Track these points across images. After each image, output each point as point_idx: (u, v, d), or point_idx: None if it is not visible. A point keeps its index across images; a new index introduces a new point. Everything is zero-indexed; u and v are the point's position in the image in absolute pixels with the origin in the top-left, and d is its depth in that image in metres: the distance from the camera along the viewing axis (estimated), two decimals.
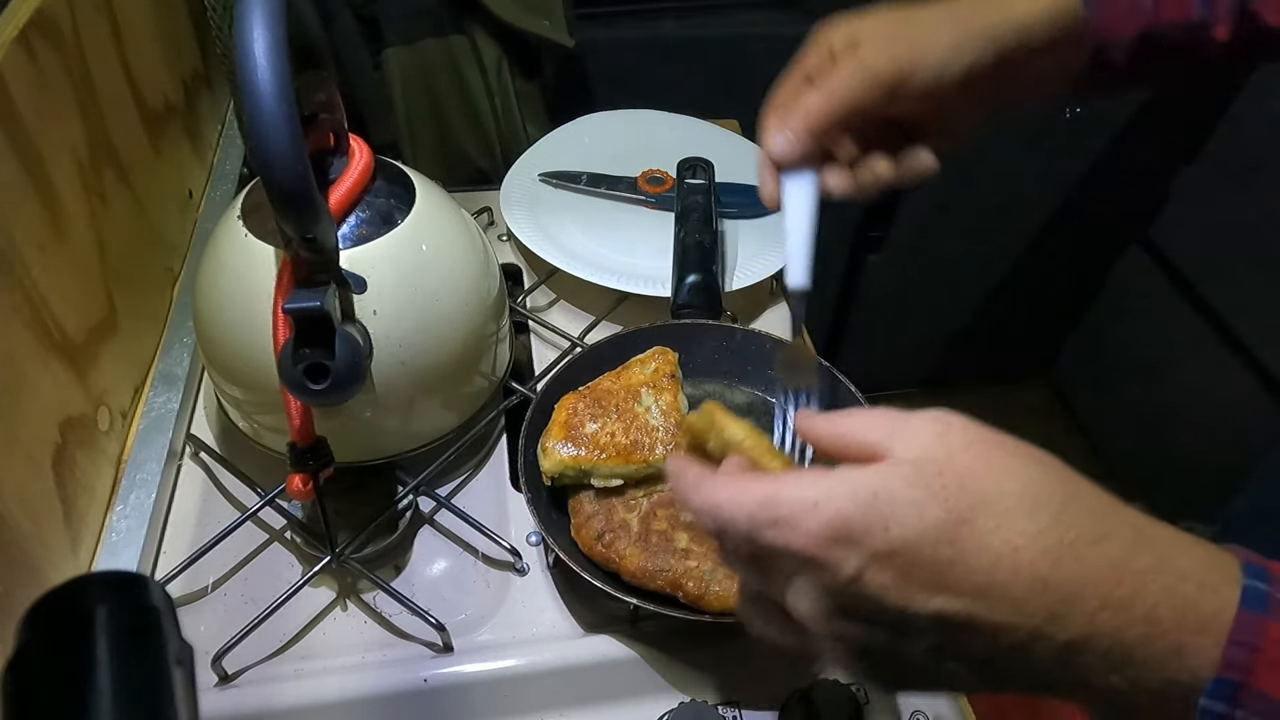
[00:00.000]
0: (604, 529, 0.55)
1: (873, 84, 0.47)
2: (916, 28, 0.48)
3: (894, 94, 0.48)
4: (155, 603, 0.25)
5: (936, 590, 0.28)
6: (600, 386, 0.60)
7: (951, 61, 0.47)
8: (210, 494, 0.63)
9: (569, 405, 0.59)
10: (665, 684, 0.54)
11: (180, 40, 0.81)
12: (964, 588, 0.28)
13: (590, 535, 0.55)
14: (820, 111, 0.48)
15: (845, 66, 0.48)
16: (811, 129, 0.48)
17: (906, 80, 0.47)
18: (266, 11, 0.41)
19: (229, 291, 0.55)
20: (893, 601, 0.28)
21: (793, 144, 0.49)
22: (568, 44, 1.00)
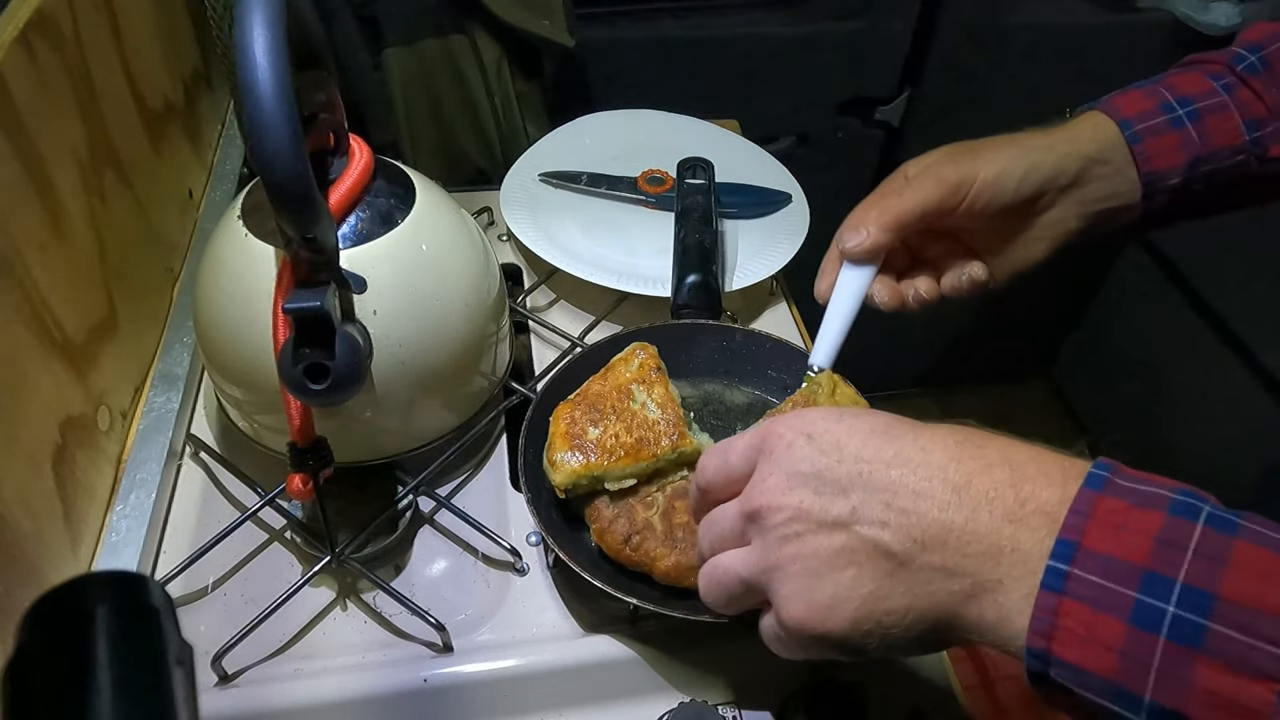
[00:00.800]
0: (630, 532, 0.54)
1: (940, 187, 0.53)
2: (982, 147, 0.55)
3: (956, 197, 0.53)
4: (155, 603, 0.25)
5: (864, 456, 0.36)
6: (591, 391, 0.60)
7: (1009, 170, 0.53)
8: (210, 494, 0.63)
9: (565, 415, 0.58)
10: (665, 684, 0.54)
11: (180, 40, 0.81)
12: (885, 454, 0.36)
13: (617, 540, 0.54)
14: (895, 210, 0.53)
15: (917, 178, 0.55)
16: (885, 226, 0.53)
17: (968, 185, 0.53)
18: (266, 11, 0.41)
19: (229, 291, 0.55)
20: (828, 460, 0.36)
21: (865, 239, 0.54)
22: (568, 44, 1.00)
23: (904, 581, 0.34)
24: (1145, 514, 0.30)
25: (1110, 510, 0.31)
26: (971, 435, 0.36)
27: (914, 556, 0.34)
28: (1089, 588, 0.30)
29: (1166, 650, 0.28)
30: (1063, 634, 0.30)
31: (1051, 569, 0.30)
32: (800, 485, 0.37)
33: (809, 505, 0.36)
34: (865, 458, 0.36)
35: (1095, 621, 0.29)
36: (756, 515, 0.38)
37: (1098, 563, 0.30)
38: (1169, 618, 0.28)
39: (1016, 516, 0.32)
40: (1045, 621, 0.30)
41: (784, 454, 0.38)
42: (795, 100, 1.24)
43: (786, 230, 0.82)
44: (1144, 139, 0.53)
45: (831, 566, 0.35)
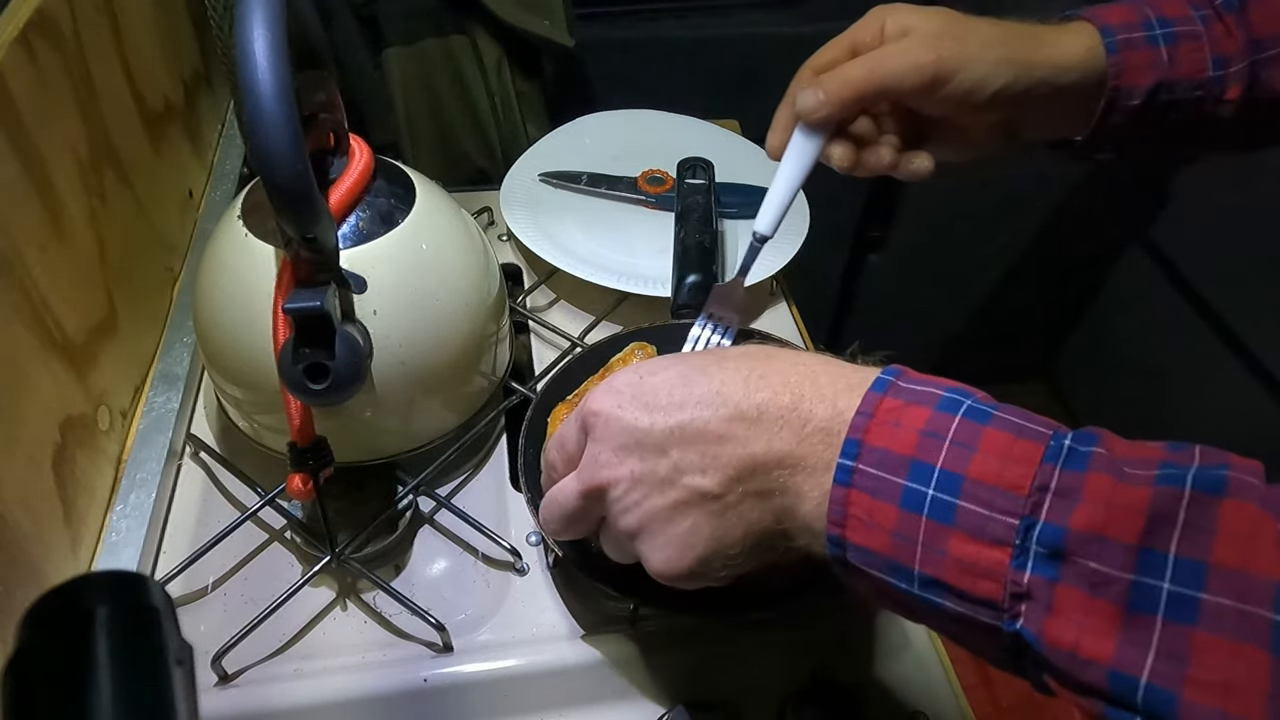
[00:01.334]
0: None
1: (914, 74, 0.50)
2: (969, 36, 0.51)
3: (930, 90, 0.50)
4: (155, 603, 0.25)
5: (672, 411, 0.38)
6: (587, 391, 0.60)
7: (991, 78, 0.51)
8: (210, 494, 0.63)
9: (563, 415, 0.58)
10: (665, 684, 0.54)
11: (180, 40, 0.81)
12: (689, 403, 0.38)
13: None
14: (859, 83, 0.50)
15: (892, 50, 0.51)
16: (845, 98, 0.51)
17: (946, 81, 0.50)
18: (266, 11, 0.41)
19: (229, 291, 0.55)
20: (644, 425, 0.39)
21: (823, 104, 0.51)
22: (568, 44, 1.00)
23: (733, 514, 0.38)
24: (915, 409, 0.34)
25: (888, 409, 0.34)
26: (758, 363, 0.39)
27: (732, 490, 0.37)
28: (869, 479, 0.33)
29: (927, 527, 0.32)
30: (851, 521, 0.34)
31: (841, 466, 0.34)
32: (627, 455, 0.39)
33: (640, 472, 0.39)
34: (672, 414, 0.38)
35: (874, 508, 0.33)
36: (598, 494, 0.41)
37: (875, 456, 0.34)
38: (929, 499, 0.32)
39: (801, 437, 0.36)
40: (838, 512, 0.34)
41: (604, 430, 0.40)
42: None
43: (786, 230, 0.81)
44: (1121, 51, 0.52)
45: (671, 520, 0.39)
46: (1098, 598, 0.29)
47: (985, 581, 0.31)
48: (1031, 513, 0.30)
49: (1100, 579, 0.29)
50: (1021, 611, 0.30)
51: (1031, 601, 0.30)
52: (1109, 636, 0.29)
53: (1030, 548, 0.30)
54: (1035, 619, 0.30)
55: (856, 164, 0.55)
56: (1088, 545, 0.29)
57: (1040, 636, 0.30)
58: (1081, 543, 0.29)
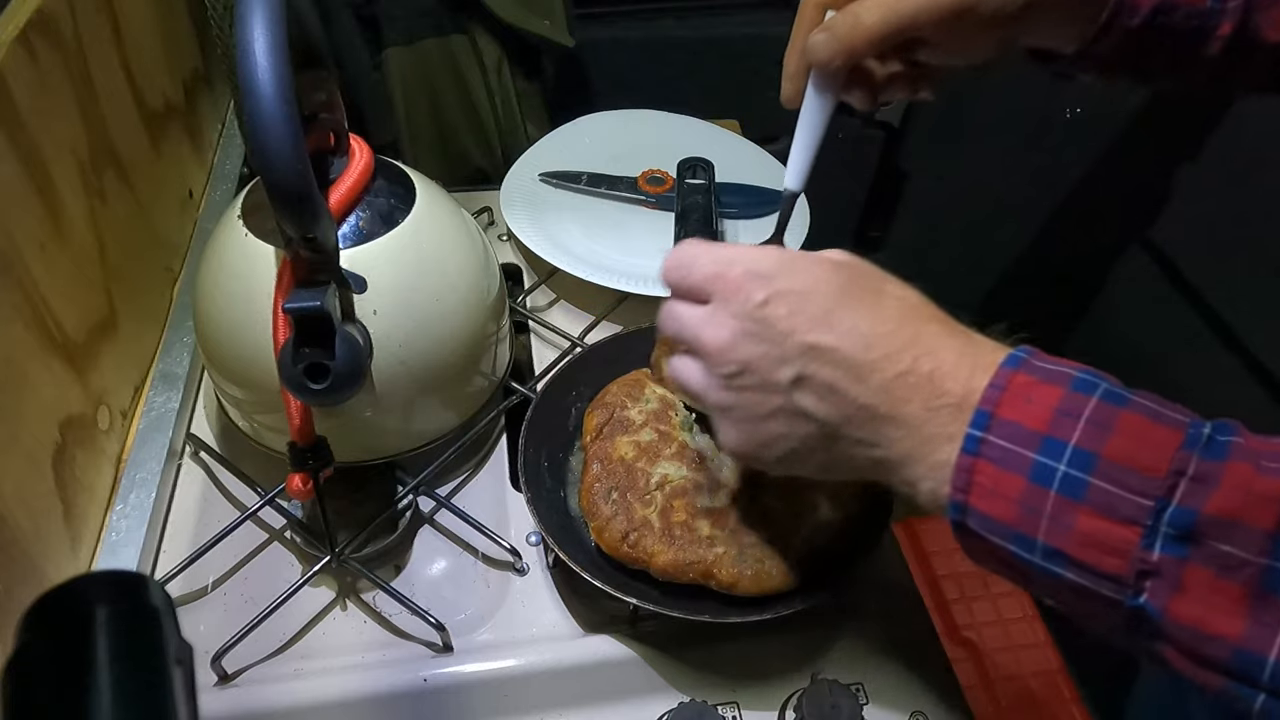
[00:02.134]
0: (628, 529, 0.54)
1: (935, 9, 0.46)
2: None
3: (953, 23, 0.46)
4: (155, 602, 0.25)
5: (815, 327, 0.38)
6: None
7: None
8: (210, 494, 0.63)
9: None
10: (665, 684, 0.54)
11: (180, 40, 0.81)
12: (836, 328, 0.38)
13: (615, 537, 0.54)
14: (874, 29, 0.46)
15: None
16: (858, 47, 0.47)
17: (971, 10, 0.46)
18: (266, 11, 0.41)
19: (229, 291, 0.55)
20: (783, 327, 0.39)
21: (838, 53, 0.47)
22: (568, 44, 1.00)
23: (825, 444, 0.39)
24: (1049, 388, 0.35)
25: (1021, 384, 0.35)
26: (910, 320, 0.39)
27: (839, 429, 0.38)
28: (998, 450, 0.34)
29: (1055, 501, 0.33)
30: (976, 489, 0.35)
31: (970, 436, 0.35)
32: (752, 344, 0.39)
33: (756, 365, 0.39)
34: (815, 329, 0.38)
35: (1001, 478, 0.34)
36: (705, 354, 0.41)
37: (1006, 429, 0.34)
38: (1059, 475, 0.33)
39: (931, 407, 0.37)
40: (963, 479, 0.35)
41: (740, 308, 0.40)
42: None
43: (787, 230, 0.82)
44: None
45: (765, 419, 0.40)
46: (1227, 579, 0.30)
47: (1111, 558, 0.32)
48: (1165, 495, 0.31)
49: (1232, 561, 0.30)
50: (1146, 588, 0.32)
51: (1158, 579, 0.31)
52: (1238, 616, 0.30)
53: (1160, 528, 0.31)
54: (1160, 596, 0.31)
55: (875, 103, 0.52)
56: (1221, 529, 0.30)
57: (1164, 612, 0.31)
58: (1215, 527, 0.30)
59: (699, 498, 0.55)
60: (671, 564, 0.53)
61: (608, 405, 0.61)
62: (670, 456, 0.58)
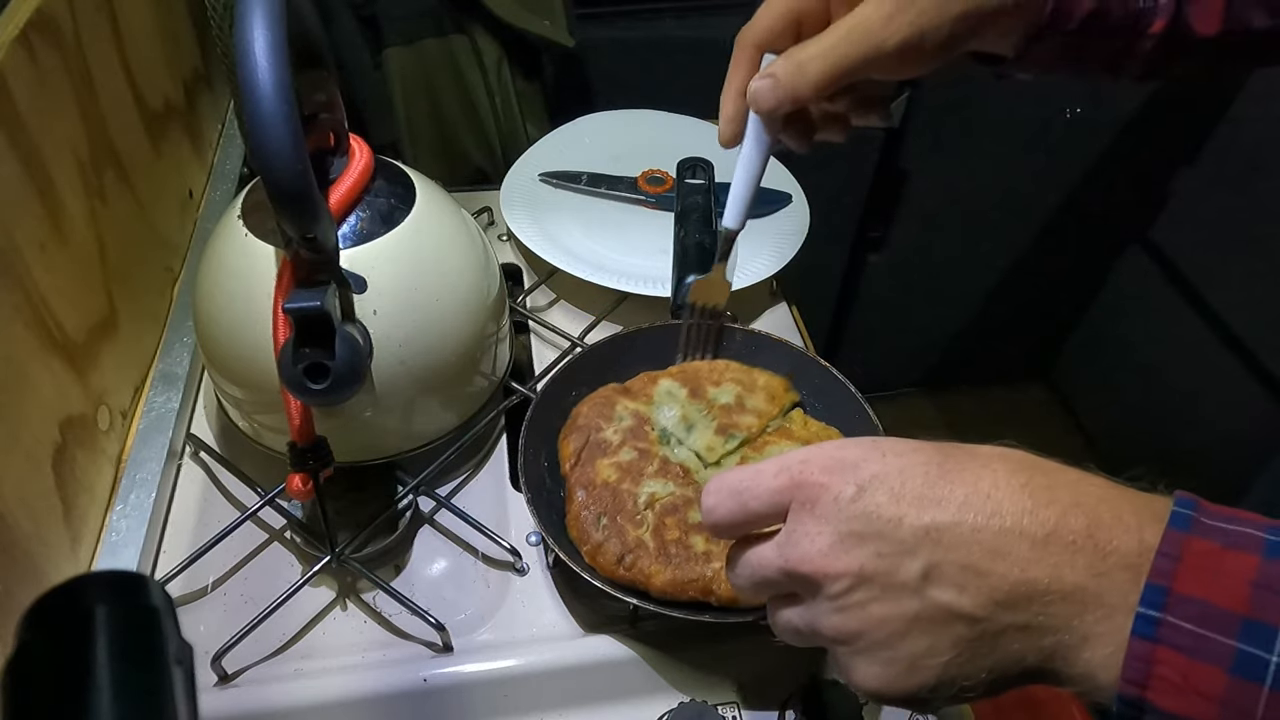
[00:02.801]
0: (622, 552, 0.53)
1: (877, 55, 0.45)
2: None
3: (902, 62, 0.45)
4: (155, 602, 0.25)
5: (927, 506, 0.32)
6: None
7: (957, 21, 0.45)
8: (210, 494, 0.63)
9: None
10: (665, 684, 0.54)
11: (180, 40, 0.81)
12: (951, 502, 0.32)
13: (610, 561, 0.53)
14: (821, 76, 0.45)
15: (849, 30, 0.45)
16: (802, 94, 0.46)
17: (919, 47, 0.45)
18: (266, 11, 0.41)
19: (229, 291, 0.55)
20: (889, 514, 0.33)
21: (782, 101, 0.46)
22: (568, 44, 1.00)
23: (985, 644, 0.32)
24: (1239, 556, 0.29)
25: (1200, 553, 0.29)
26: (1034, 472, 0.33)
27: (994, 618, 0.32)
28: (1184, 636, 0.29)
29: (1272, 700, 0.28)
30: (1158, 683, 0.29)
31: (1142, 616, 0.29)
32: (858, 546, 0.33)
33: (872, 570, 0.33)
34: (928, 509, 0.32)
35: (1192, 670, 0.29)
36: (807, 581, 0.34)
37: (1192, 608, 0.29)
38: (1273, 668, 0.28)
39: (1099, 571, 0.30)
40: (1139, 670, 0.29)
41: (831, 508, 0.34)
42: None
43: (786, 230, 0.82)
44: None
45: (904, 636, 0.33)
46: None
47: None
48: None
49: None
50: None
51: None
52: None
53: None
54: None
55: (810, 147, 0.53)
56: None
57: None
58: None
59: (690, 513, 0.55)
60: (670, 583, 0.52)
61: (581, 429, 0.60)
62: (654, 474, 0.57)
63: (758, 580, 0.37)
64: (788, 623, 0.37)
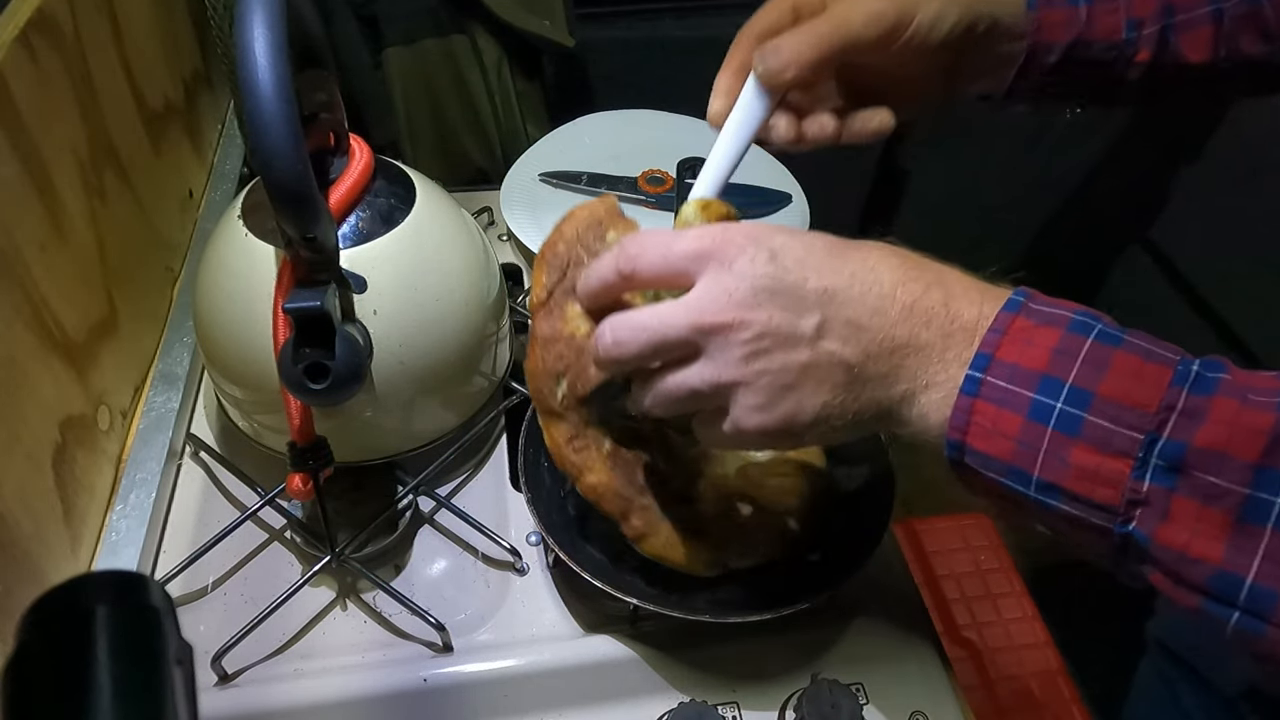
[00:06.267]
0: (575, 435, 0.49)
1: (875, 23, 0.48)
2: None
3: (890, 39, 0.48)
4: (155, 602, 0.25)
5: (825, 273, 0.38)
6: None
7: (944, 15, 0.49)
8: (210, 494, 0.63)
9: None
10: (665, 684, 0.54)
11: (180, 40, 0.81)
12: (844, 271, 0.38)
13: (561, 437, 0.49)
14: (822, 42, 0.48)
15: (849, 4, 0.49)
16: (808, 59, 0.48)
17: (905, 26, 0.48)
18: (266, 11, 0.41)
19: (229, 291, 0.55)
20: (794, 277, 0.38)
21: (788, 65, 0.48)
22: (568, 44, 1.00)
23: (854, 389, 0.38)
24: (1047, 330, 0.36)
25: (1020, 328, 0.36)
26: (908, 257, 0.39)
27: (865, 367, 0.38)
28: (997, 391, 0.35)
29: (1052, 437, 0.34)
30: (974, 429, 0.36)
31: (969, 377, 0.36)
32: (767, 301, 0.38)
33: (778, 322, 0.38)
34: (825, 275, 0.38)
35: (1000, 417, 0.35)
36: (717, 330, 0.38)
37: (1005, 371, 0.35)
38: (1056, 412, 0.34)
39: (947, 331, 0.37)
40: (961, 420, 0.36)
41: (747, 266, 0.38)
42: None
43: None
44: (1040, 9, 0.52)
45: (796, 381, 0.38)
46: (1211, 507, 0.32)
47: (1104, 488, 0.33)
48: (1156, 429, 0.33)
49: (1216, 491, 0.32)
50: (1135, 516, 0.33)
51: (1147, 508, 0.33)
52: (1219, 541, 0.32)
53: (1151, 461, 0.33)
54: (1148, 523, 0.33)
55: (799, 137, 0.53)
56: (1208, 461, 0.32)
57: (1152, 538, 0.33)
58: (1202, 458, 0.32)
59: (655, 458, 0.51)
60: (599, 484, 0.49)
61: (559, 257, 0.48)
62: None
63: (656, 341, 0.39)
64: (681, 382, 0.40)
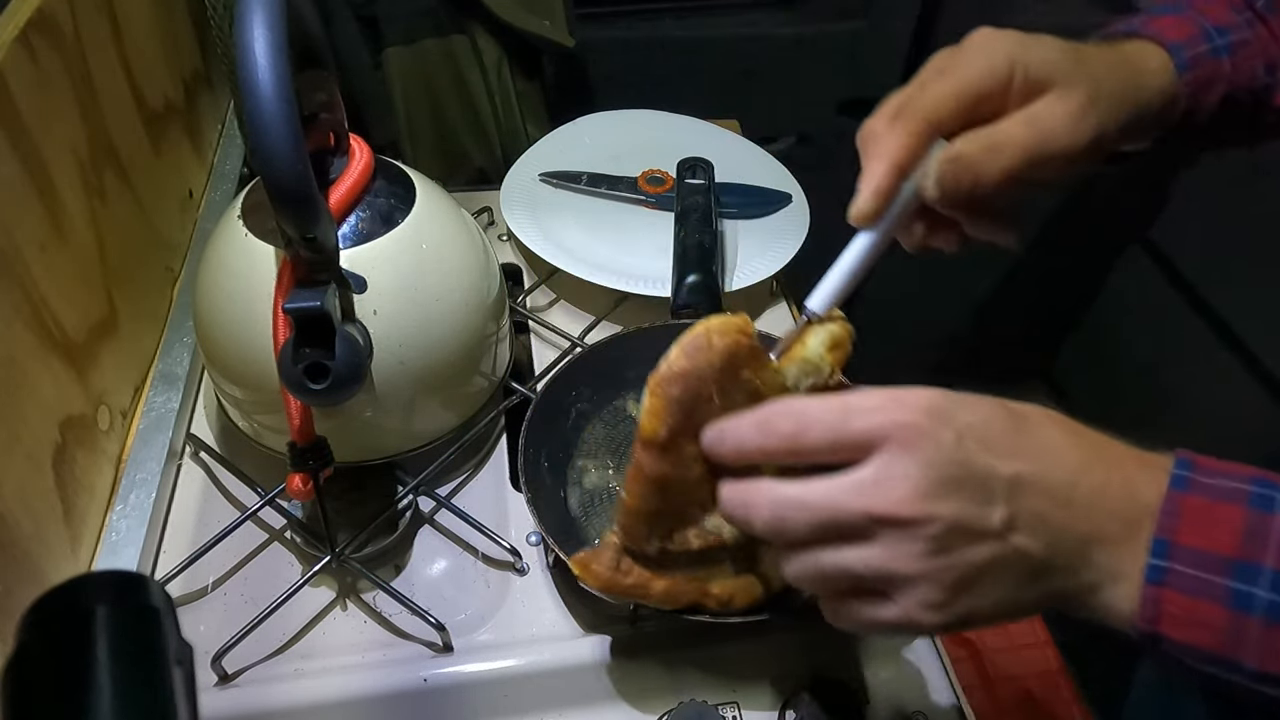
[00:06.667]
0: (618, 561, 0.46)
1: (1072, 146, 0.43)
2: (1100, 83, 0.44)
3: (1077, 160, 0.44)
4: (155, 602, 0.25)
5: (1010, 457, 0.35)
6: None
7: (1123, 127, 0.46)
8: (210, 494, 0.63)
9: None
10: (665, 684, 0.54)
11: (180, 40, 0.81)
12: (1027, 454, 0.35)
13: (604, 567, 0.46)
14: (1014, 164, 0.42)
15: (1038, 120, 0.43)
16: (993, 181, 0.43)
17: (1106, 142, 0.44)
18: (266, 11, 0.41)
19: (229, 291, 0.55)
20: (981, 463, 0.35)
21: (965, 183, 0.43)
22: (568, 44, 1.00)
23: (1038, 582, 0.35)
24: (1227, 509, 0.34)
25: (1195, 508, 0.34)
26: (1077, 432, 0.37)
27: (1053, 560, 0.35)
28: (1186, 580, 0.33)
29: (1261, 627, 0.32)
30: (1166, 619, 0.34)
31: (1153, 566, 0.34)
32: (955, 492, 0.34)
33: (965, 515, 0.34)
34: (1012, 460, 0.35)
35: (1194, 607, 0.33)
36: (898, 522, 0.34)
37: (1191, 557, 0.33)
38: (1261, 602, 0.32)
39: (1130, 519, 0.35)
40: (1151, 610, 0.34)
41: (932, 452, 0.34)
42: (795, 100, 1.24)
43: (786, 230, 0.82)
44: (1192, 68, 0.49)
45: (980, 577, 0.35)
46: None
47: None
48: None
49: None
50: None
51: None
52: None
53: None
54: None
55: (925, 248, 0.49)
56: None
57: None
58: None
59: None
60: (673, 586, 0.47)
61: (687, 394, 0.40)
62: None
63: (824, 524, 0.35)
64: (840, 563, 0.36)
